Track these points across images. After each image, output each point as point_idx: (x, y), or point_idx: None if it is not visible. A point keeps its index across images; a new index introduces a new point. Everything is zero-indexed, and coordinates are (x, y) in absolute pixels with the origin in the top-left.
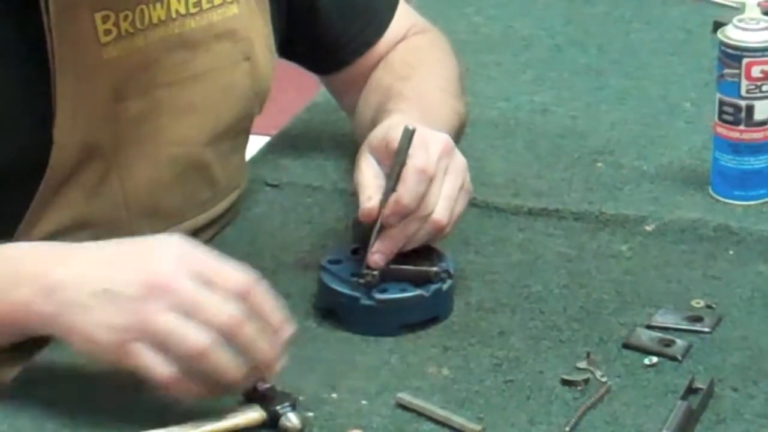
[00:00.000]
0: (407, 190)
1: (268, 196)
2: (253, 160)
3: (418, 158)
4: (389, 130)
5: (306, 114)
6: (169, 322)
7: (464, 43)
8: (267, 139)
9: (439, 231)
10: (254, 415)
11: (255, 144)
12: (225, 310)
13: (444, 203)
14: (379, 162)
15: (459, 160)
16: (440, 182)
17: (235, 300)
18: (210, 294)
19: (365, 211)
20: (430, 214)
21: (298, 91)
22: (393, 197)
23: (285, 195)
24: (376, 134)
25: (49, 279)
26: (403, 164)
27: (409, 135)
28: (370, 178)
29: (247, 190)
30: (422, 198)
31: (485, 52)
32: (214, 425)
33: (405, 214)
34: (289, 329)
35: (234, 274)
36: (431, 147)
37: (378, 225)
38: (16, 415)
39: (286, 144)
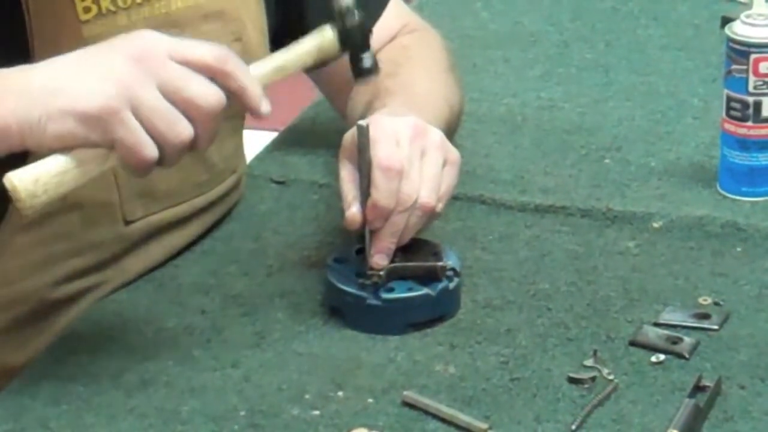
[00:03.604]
0: (379, 191)
1: (274, 193)
2: (259, 156)
3: (382, 155)
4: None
5: (313, 110)
6: (158, 98)
7: (472, 39)
8: (273, 135)
9: (430, 214)
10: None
11: (261, 140)
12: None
13: (428, 185)
14: (355, 165)
15: (434, 136)
16: (418, 166)
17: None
18: (192, 74)
19: (348, 220)
20: (414, 203)
21: (304, 87)
22: (369, 202)
23: (291, 192)
24: (346, 138)
25: (21, 82)
26: (369, 162)
27: (364, 132)
28: (348, 184)
29: (252, 187)
30: (398, 192)
31: (493, 48)
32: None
33: (386, 214)
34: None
35: (208, 49)
36: (400, 135)
37: (368, 228)
38: (20, 413)
39: (292, 140)
